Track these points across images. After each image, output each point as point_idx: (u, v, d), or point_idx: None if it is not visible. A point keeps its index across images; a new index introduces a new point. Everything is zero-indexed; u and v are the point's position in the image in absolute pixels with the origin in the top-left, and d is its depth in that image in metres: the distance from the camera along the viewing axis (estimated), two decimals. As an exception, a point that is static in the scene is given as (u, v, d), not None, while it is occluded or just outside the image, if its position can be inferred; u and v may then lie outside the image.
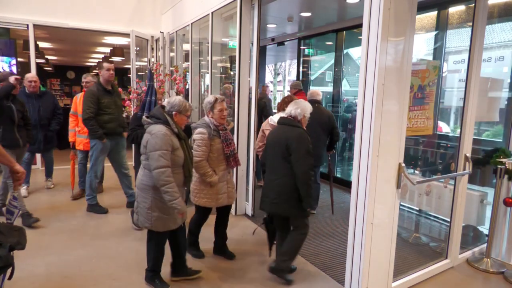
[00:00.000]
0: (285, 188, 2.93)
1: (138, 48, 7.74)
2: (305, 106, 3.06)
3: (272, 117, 3.93)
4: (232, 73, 6.55)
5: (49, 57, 14.08)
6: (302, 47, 7.84)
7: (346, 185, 5.97)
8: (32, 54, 6.84)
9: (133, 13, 7.60)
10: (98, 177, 4.65)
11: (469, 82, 3.23)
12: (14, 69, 6.86)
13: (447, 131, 5.04)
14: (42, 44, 10.95)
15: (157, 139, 2.63)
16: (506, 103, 4.11)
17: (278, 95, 20.17)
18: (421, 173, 4.41)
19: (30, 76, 5.17)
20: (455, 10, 4.71)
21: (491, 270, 3.42)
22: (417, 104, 2.88)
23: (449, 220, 3.50)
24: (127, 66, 8.86)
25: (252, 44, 4.54)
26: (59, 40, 10.42)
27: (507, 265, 3.52)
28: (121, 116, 4.58)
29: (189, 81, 6.70)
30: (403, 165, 2.67)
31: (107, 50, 11.58)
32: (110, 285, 3.00)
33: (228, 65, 6.79)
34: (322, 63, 8.66)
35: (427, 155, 4.54)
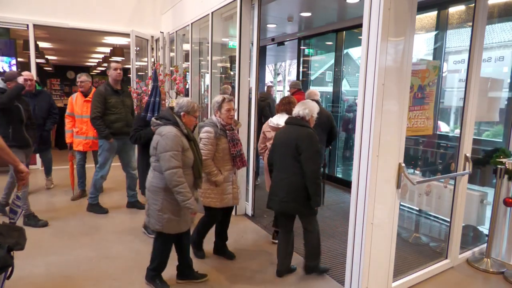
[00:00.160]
0: (295, 187, 2.98)
1: (138, 48, 7.75)
2: (313, 107, 3.15)
3: (271, 119, 3.94)
4: (232, 73, 6.56)
5: (49, 57, 14.09)
6: (302, 47, 7.84)
7: (346, 185, 5.97)
8: (32, 54, 6.84)
9: (133, 13, 7.60)
10: (105, 177, 4.64)
11: (469, 82, 3.23)
12: (14, 69, 6.85)
13: (446, 130, 5.04)
14: (42, 44, 10.96)
15: (168, 140, 2.62)
16: (506, 103, 4.11)
17: (278, 95, 20.12)
18: (421, 173, 4.41)
19: (26, 75, 5.14)
20: (455, 10, 4.71)
21: (491, 270, 3.42)
22: (417, 104, 2.88)
23: (449, 220, 3.50)
24: (127, 66, 8.85)
25: (252, 44, 4.54)
26: (59, 40, 10.43)
27: (507, 265, 3.52)
28: (129, 116, 4.56)
29: (189, 81, 6.70)
30: (403, 165, 2.67)
31: (107, 50, 11.59)
32: (110, 285, 3.00)
33: (228, 65, 6.80)
34: (322, 63, 8.67)
35: (427, 155, 4.54)
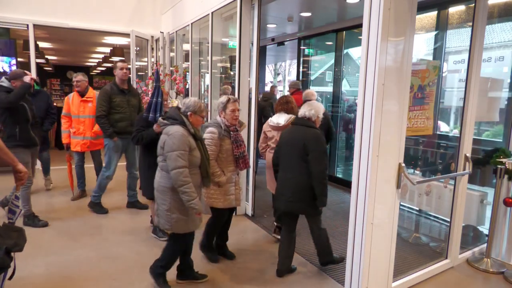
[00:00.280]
0: (301, 186, 3.01)
1: (138, 48, 7.75)
2: (318, 107, 3.19)
3: (271, 118, 3.95)
4: (232, 73, 6.56)
5: (49, 57, 14.11)
6: (302, 47, 7.84)
7: (346, 185, 5.97)
8: (32, 54, 6.84)
9: (133, 13, 7.60)
10: (110, 177, 4.63)
11: (469, 82, 3.23)
12: (14, 69, 6.85)
13: (445, 130, 5.04)
14: (42, 44, 10.97)
15: (175, 140, 2.63)
16: (506, 103, 4.11)
17: (278, 95, 20.10)
18: (421, 173, 4.41)
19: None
20: (455, 10, 4.71)
21: (491, 270, 3.42)
22: (417, 104, 2.88)
23: (449, 220, 3.50)
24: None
25: (252, 44, 4.54)
26: (59, 40, 10.43)
27: (507, 265, 3.52)
28: (133, 115, 4.54)
29: (189, 81, 6.70)
30: (403, 165, 2.67)
31: (107, 50, 11.60)
32: (110, 285, 3.00)
33: (228, 65, 6.80)
34: (322, 63, 8.67)
35: (427, 155, 4.54)
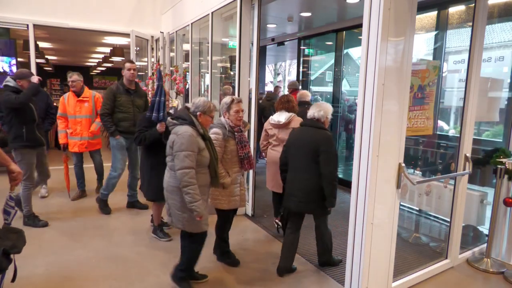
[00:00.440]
0: (312, 187, 3.03)
1: (138, 48, 7.74)
2: (327, 108, 3.20)
3: (272, 117, 3.97)
4: (232, 73, 6.56)
5: (49, 57, 14.10)
6: (302, 47, 7.84)
7: (346, 185, 5.96)
8: (32, 54, 6.83)
9: (133, 13, 7.60)
10: (117, 177, 4.64)
11: (469, 82, 3.23)
12: (14, 69, 6.85)
13: (446, 129, 5.04)
14: (42, 44, 10.97)
15: (183, 140, 2.62)
16: (506, 103, 4.11)
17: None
18: (421, 173, 4.41)
19: None
20: (455, 10, 4.71)
21: (491, 270, 3.42)
22: (417, 104, 2.88)
23: (449, 220, 3.50)
24: (127, 66, 8.82)
25: (252, 44, 4.54)
26: (59, 40, 10.43)
27: (507, 265, 3.52)
28: (137, 115, 4.53)
29: (189, 81, 6.70)
30: (403, 165, 2.67)
31: (107, 50, 11.59)
32: (110, 285, 3.00)
33: (228, 65, 6.79)
34: (322, 63, 8.67)
35: (427, 155, 4.54)
